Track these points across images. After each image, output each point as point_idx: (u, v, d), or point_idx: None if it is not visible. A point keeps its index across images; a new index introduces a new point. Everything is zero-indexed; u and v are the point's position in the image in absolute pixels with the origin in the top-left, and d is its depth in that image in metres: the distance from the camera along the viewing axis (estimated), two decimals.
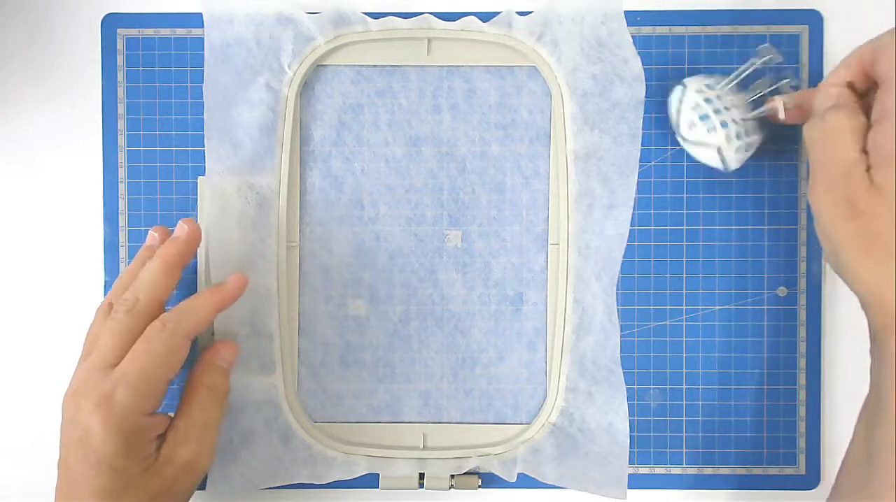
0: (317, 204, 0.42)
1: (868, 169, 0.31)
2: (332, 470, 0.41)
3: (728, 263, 0.42)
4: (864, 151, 0.32)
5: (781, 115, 0.37)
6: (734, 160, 0.39)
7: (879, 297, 0.31)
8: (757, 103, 0.39)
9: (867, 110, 0.32)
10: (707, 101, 0.38)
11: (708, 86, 0.39)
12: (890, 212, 0.30)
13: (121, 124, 0.42)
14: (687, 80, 0.39)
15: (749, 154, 0.39)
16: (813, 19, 0.42)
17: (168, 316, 0.35)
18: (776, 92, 0.38)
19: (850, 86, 0.34)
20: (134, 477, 0.34)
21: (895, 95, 0.30)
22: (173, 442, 0.36)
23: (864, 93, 0.34)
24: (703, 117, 0.38)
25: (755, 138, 0.39)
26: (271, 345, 0.41)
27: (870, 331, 0.33)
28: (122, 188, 0.42)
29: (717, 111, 0.38)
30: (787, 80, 0.38)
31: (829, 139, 0.33)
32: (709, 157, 0.39)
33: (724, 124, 0.38)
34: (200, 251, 0.41)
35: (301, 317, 0.42)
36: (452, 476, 0.41)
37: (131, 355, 0.34)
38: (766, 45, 0.36)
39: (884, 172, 0.31)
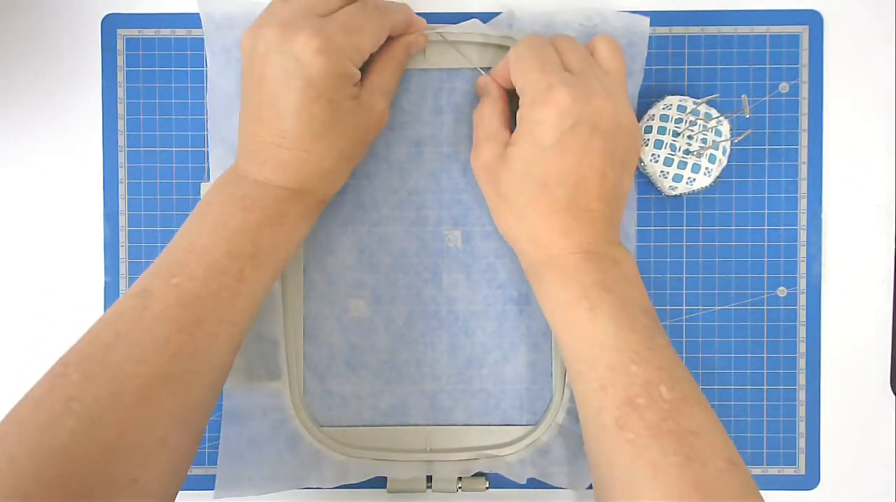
0: None
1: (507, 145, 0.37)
2: (340, 474, 0.41)
3: (728, 263, 0.42)
4: (508, 128, 0.38)
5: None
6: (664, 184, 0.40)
7: (518, 244, 0.38)
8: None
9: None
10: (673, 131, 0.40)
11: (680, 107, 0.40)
12: (509, 177, 0.36)
13: (121, 124, 0.42)
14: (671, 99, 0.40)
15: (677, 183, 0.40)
16: (813, 19, 0.42)
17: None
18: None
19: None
20: (343, 115, 0.36)
21: (525, 102, 0.36)
22: (372, 92, 0.38)
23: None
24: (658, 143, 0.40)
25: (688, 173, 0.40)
26: (277, 350, 0.41)
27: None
28: (122, 188, 0.42)
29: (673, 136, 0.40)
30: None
31: (483, 118, 0.39)
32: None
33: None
34: None
35: (306, 321, 0.42)
36: (460, 478, 0.41)
37: (345, 11, 0.36)
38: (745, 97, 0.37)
39: (514, 147, 0.36)
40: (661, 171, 0.40)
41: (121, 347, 0.32)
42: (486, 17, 0.41)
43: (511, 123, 0.38)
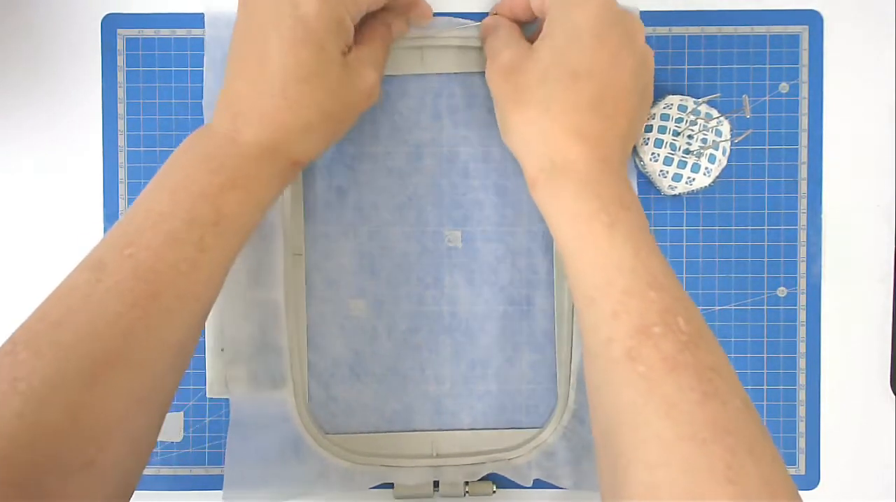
0: (320, 216, 0.42)
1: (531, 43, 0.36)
2: (346, 482, 0.41)
3: (728, 263, 0.42)
4: (529, 40, 0.37)
5: None
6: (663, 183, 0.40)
7: (528, 147, 0.35)
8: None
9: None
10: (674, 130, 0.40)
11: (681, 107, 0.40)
12: (536, 68, 0.34)
13: (121, 124, 0.42)
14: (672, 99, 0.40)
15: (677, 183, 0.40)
16: (813, 19, 0.42)
17: None
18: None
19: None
20: (331, 67, 0.34)
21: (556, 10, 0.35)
22: (363, 60, 0.36)
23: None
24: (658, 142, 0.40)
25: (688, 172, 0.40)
26: (280, 359, 0.41)
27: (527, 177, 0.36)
28: (122, 188, 0.42)
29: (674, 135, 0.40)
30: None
31: (499, 36, 0.38)
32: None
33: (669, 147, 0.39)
34: None
35: (309, 329, 0.42)
36: (467, 482, 0.41)
37: None
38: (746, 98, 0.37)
39: (544, 40, 0.35)
40: (661, 171, 0.40)
41: (71, 324, 0.29)
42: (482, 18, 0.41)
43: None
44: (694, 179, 0.40)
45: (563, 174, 0.34)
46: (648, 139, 0.40)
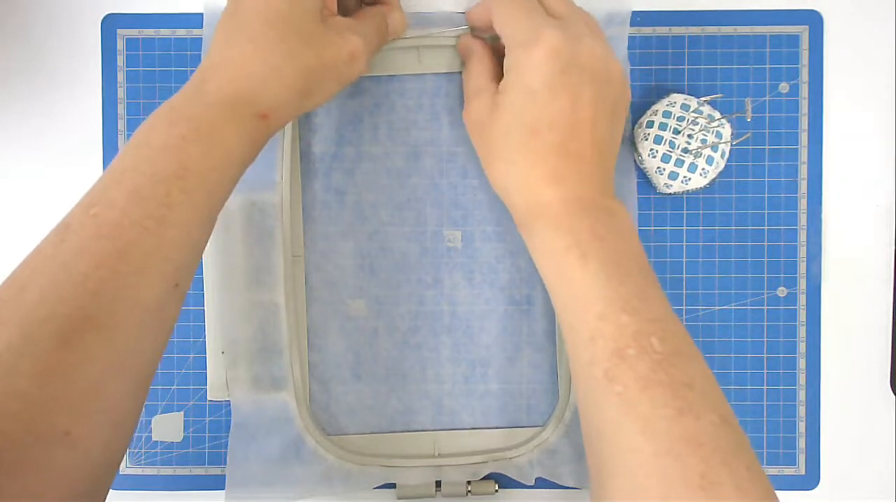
0: (320, 217, 0.42)
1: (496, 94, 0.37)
2: (349, 483, 0.41)
3: (728, 263, 0.42)
4: (496, 81, 0.37)
5: None
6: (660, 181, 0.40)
7: (508, 195, 0.36)
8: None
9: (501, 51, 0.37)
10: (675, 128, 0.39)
11: (683, 106, 0.40)
12: (499, 125, 0.35)
13: (121, 124, 0.42)
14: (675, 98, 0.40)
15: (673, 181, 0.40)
16: (813, 19, 0.42)
17: None
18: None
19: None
20: (305, 13, 0.33)
21: (512, 51, 0.36)
22: (347, 26, 0.35)
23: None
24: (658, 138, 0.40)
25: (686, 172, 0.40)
26: (281, 360, 0.41)
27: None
28: None
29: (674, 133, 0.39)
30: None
31: (471, 76, 0.39)
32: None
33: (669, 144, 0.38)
34: (206, 270, 0.41)
35: (310, 331, 0.42)
36: (469, 482, 0.41)
37: None
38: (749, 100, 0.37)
39: (503, 95, 0.36)
40: (658, 167, 0.40)
41: (35, 287, 0.28)
42: None
43: (499, 77, 0.37)
44: (690, 179, 0.40)
45: (540, 217, 0.35)
46: (649, 135, 0.40)
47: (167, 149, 0.30)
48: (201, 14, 0.41)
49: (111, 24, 0.42)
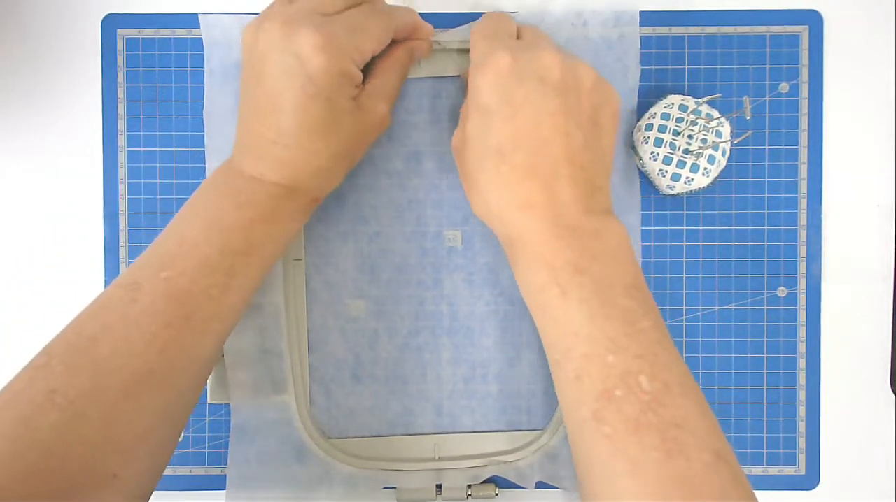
0: (320, 219, 0.42)
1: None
2: (349, 486, 0.41)
3: (728, 263, 0.42)
4: None
5: None
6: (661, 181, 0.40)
7: (492, 226, 0.36)
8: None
9: None
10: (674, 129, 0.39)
11: (682, 107, 0.40)
12: (471, 153, 0.35)
13: (121, 124, 0.42)
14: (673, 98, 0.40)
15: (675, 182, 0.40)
16: (813, 19, 0.42)
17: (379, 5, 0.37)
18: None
19: None
20: (342, 115, 0.35)
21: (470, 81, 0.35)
22: (374, 95, 0.37)
23: None
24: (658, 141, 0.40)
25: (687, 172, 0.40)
26: (282, 363, 0.41)
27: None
28: (122, 188, 0.42)
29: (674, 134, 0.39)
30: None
31: (463, 108, 0.38)
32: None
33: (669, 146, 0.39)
34: None
35: (310, 333, 0.42)
36: (469, 485, 0.41)
37: (350, 12, 0.35)
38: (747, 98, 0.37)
39: (467, 122, 0.35)
40: (660, 170, 0.40)
41: (107, 340, 0.31)
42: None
43: None
44: (692, 179, 0.40)
45: (517, 247, 0.34)
46: (648, 138, 0.40)
47: (237, 228, 0.34)
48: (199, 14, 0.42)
49: (111, 24, 0.42)
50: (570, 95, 0.34)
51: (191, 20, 0.42)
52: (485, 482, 0.41)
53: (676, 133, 0.39)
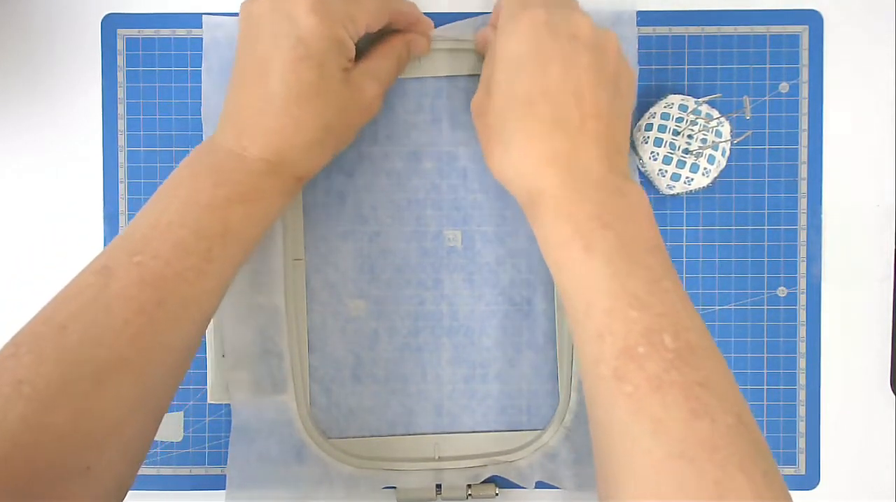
0: (320, 220, 0.42)
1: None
2: (349, 486, 0.41)
3: (728, 263, 0.42)
4: None
5: None
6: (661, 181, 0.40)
7: (511, 183, 0.35)
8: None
9: None
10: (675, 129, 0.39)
11: (682, 107, 0.40)
12: (495, 106, 0.35)
13: (121, 124, 0.42)
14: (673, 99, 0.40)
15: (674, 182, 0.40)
16: (813, 19, 0.42)
17: None
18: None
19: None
20: (332, 84, 0.34)
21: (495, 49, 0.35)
22: (365, 73, 0.36)
23: None
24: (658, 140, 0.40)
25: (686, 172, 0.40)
26: (282, 363, 0.41)
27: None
28: (122, 188, 0.42)
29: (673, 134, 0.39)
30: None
31: (485, 66, 0.38)
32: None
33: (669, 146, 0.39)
34: None
35: (310, 333, 0.42)
36: (469, 485, 0.41)
37: None
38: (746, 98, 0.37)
39: (495, 74, 0.35)
40: (660, 170, 0.40)
41: (76, 328, 0.30)
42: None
43: None
44: (692, 179, 0.40)
45: (540, 203, 0.33)
46: (648, 138, 0.40)
47: (212, 208, 0.33)
48: (201, 14, 0.41)
49: (111, 23, 0.42)
50: (600, 55, 0.34)
51: (191, 20, 0.42)
52: (485, 482, 0.41)
53: (676, 133, 0.39)
